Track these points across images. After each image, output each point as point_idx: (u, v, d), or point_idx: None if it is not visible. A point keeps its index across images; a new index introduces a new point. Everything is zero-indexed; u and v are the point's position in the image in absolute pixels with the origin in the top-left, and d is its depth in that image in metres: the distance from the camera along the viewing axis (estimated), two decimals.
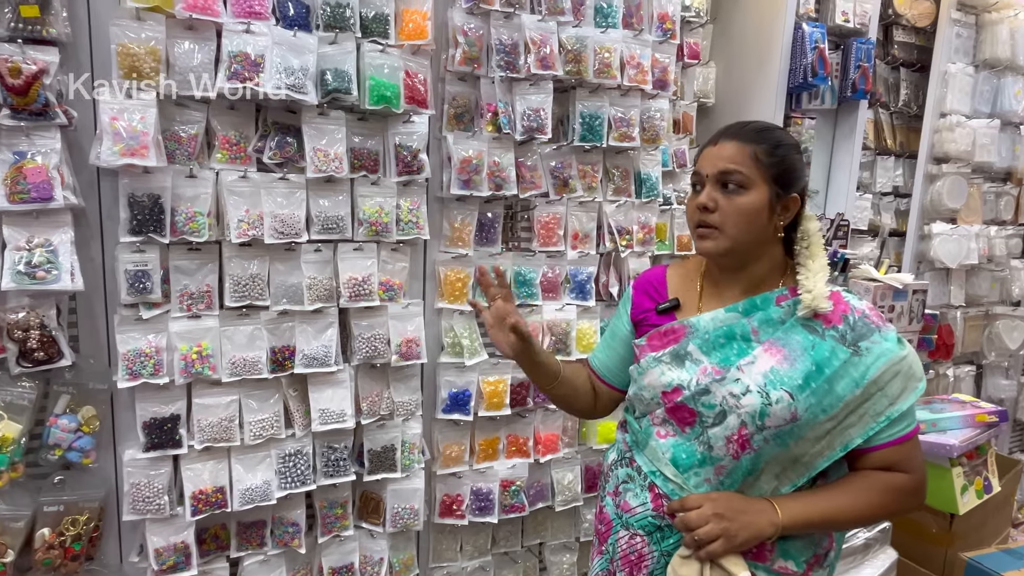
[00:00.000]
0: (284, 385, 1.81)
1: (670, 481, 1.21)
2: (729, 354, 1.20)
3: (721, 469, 1.18)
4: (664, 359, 1.24)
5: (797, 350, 1.16)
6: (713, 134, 1.23)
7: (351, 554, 1.97)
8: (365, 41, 1.75)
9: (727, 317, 1.23)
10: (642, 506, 1.24)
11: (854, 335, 1.16)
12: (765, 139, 1.18)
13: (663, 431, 1.24)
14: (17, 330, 1.49)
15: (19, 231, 1.48)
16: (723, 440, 1.16)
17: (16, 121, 1.44)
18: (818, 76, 2.56)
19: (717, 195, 1.17)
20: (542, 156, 2.12)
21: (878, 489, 1.18)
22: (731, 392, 1.16)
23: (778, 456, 1.17)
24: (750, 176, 1.16)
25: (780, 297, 1.21)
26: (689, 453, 1.20)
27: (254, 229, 1.68)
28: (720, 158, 1.17)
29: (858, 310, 1.19)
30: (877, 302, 2.35)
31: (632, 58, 2.12)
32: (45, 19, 1.44)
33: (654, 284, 1.38)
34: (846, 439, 1.16)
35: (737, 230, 1.17)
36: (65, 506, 1.62)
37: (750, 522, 1.13)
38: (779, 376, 1.14)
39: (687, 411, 1.20)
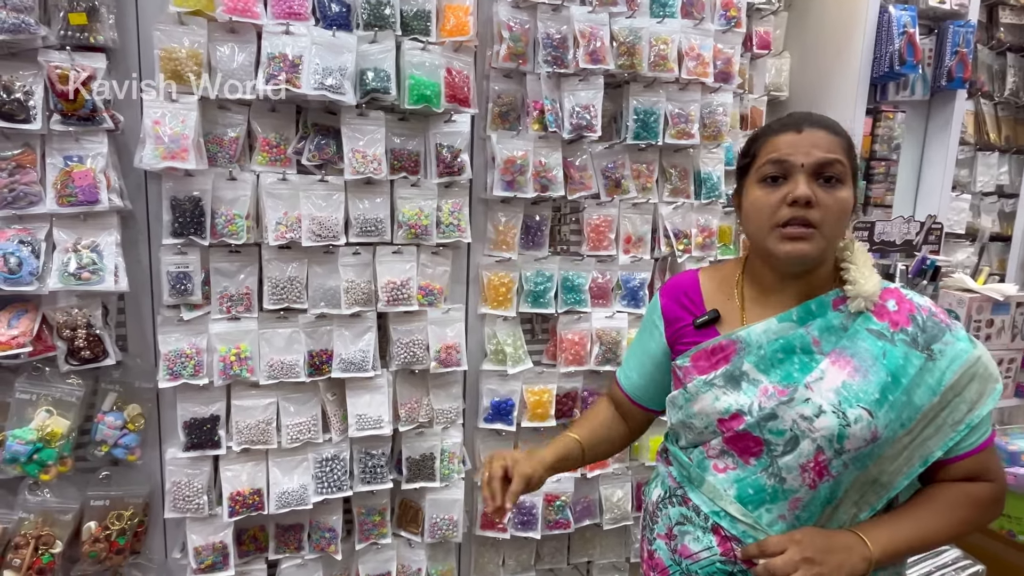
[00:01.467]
0: (322, 389, 1.80)
1: (739, 521, 1.07)
2: (791, 370, 1.06)
3: (797, 502, 1.05)
4: (717, 382, 1.09)
5: (867, 359, 1.03)
6: (780, 121, 1.08)
7: (388, 562, 1.94)
8: (406, 39, 1.71)
9: (781, 327, 1.08)
10: (707, 551, 1.10)
11: (926, 337, 1.04)
12: (845, 132, 1.07)
13: (721, 464, 1.10)
14: (66, 329, 1.54)
15: (68, 233, 1.53)
16: (797, 469, 1.03)
17: (65, 126, 1.48)
18: (907, 64, 2.31)
19: (816, 188, 1.02)
20: (593, 155, 2.01)
21: (963, 504, 1.06)
22: (802, 414, 1.02)
23: (857, 480, 1.05)
24: (847, 168, 1.04)
25: (837, 300, 1.08)
26: (757, 488, 1.06)
27: (292, 232, 1.67)
28: (817, 147, 1.02)
29: (924, 308, 1.07)
30: (972, 316, 2.09)
31: (691, 49, 1.98)
32: (93, 26, 1.48)
33: (687, 292, 1.21)
34: (926, 452, 1.05)
35: (834, 230, 1.04)
36: (111, 501, 1.67)
37: (842, 562, 0.99)
38: (853, 391, 1.02)
39: (752, 440, 1.06)
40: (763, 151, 1.07)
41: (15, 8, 1.39)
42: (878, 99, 2.50)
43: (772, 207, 1.04)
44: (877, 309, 1.06)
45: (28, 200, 1.48)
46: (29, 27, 1.41)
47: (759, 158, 1.08)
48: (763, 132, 1.10)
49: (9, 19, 1.38)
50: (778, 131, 1.06)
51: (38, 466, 1.53)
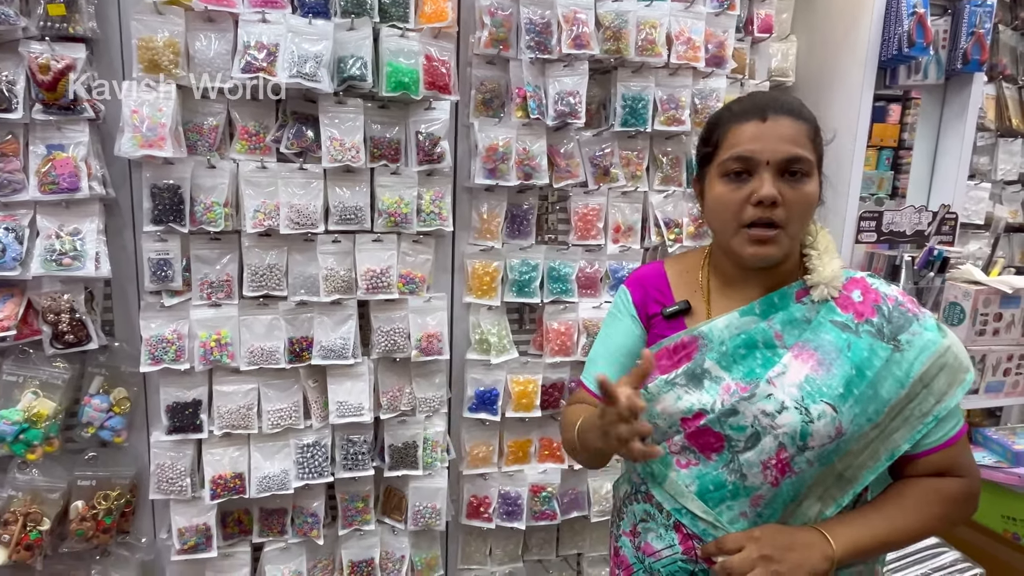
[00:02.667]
0: (302, 376, 1.81)
1: (700, 519, 1.04)
2: (753, 366, 1.03)
3: (758, 500, 1.02)
4: (678, 381, 1.06)
5: (831, 352, 1.00)
6: (742, 105, 1.03)
7: (372, 549, 1.95)
8: (384, 26, 1.70)
9: (743, 322, 1.05)
10: (669, 549, 1.08)
11: (892, 328, 1.01)
12: (811, 117, 1.02)
13: (683, 460, 1.07)
14: (50, 313, 1.58)
15: (51, 220, 1.57)
16: (759, 466, 1.00)
17: (47, 116, 1.52)
18: (916, 46, 2.21)
19: (781, 185, 0.98)
20: (580, 143, 1.98)
21: (933, 500, 1.03)
22: (763, 410, 0.99)
23: (821, 476, 1.02)
24: (812, 161, 1.00)
25: (800, 292, 1.05)
26: (718, 484, 1.03)
27: (270, 219, 1.68)
28: (783, 139, 0.97)
29: (891, 297, 1.04)
30: (979, 309, 2.00)
31: (681, 33, 1.92)
32: (71, 17, 1.51)
33: (655, 284, 1.17)
34: (892, 446, 1.01)
35: (800, 227, 1.02)
36: (98, 481, 1.72)
37: (802, 560, 0.96)
38: (816, 386, 0.98)
39: (712, 435, 1.03)
40: (726, 142, 1.02)
41: None
42: (887, 83, 2.40)
43: (736, 205, 1.00)
44: (841, 300, 1.03)
45: (12, 188, 1.53)
46: (9, 18, 1.44)
47: (722, 149, 1.03)
48: (724, 118, 1.04)
49: None
50: (741, 118, 1.01)
51: (24, 445, 1.58)
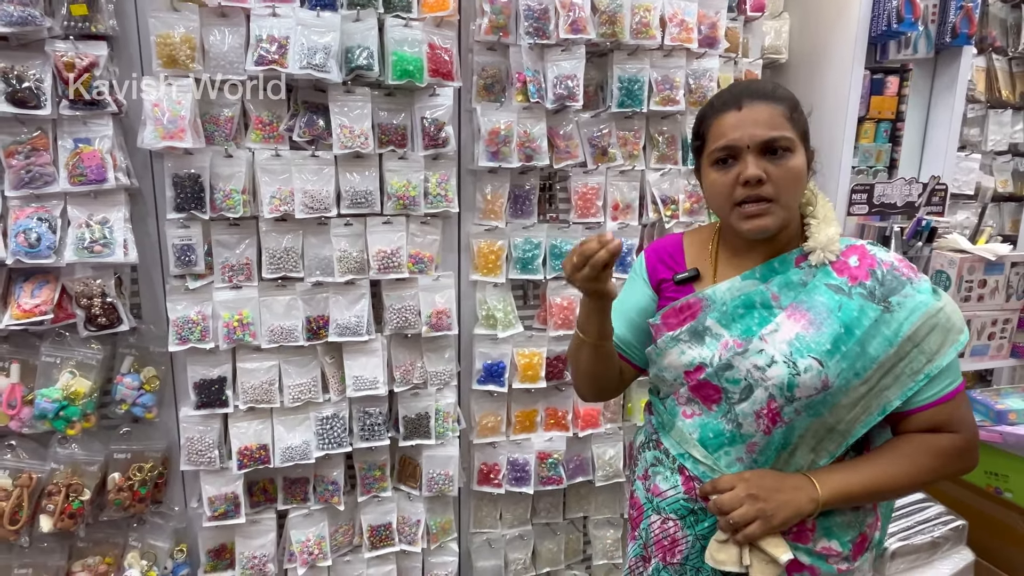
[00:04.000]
0: (320, 352, 1.92)
1: (700, 463, 1.15)
2: (751, 324, 1.12)
3: (753, 446, 1.12)
4: (682, 337, 1.16)
5: (823, 312, 1.07)
6: (721, 98, 1.12)
7: (389, 514, 2.07)
8: (388, 16, 1.77)
9: (744, 285, 1.14)
10: (673, 489, 1.19)
11: (884, 290, 1.07)
12: (786, 97, 1.10)
13: (688, 410, 1.18)
14: (83, 298, 1.68)
15: (81, 210, 1.66)
16: (752, 416, 1.10)
17: (73, 111, 1.60)
18: (904, 22, 2.27)
19: (765, 164, 1.06)
20: (579, 124, 2.06)
21: (924, 452, 1.09)
22: (755, 364, 1.08)
23: (812, 427, 1.10)
24: (792, 138, 1.07)
25: (799, 257, 1.13)
26: (717, 432, 1.14)
27: (285, 205, 1.77)
28: (758, 124, 1.06)
29: (886, 263, 1.10)
30: (963, 276, 2.09)
31: (675, 15, 1.99)
32: (93, 16, 1.59)
33: (670, 252, 1.27)
34: (883, 401, 1.08)
35: (791, 198, 1.09)
36: (132, 454, 1.83)
37: (787, 500, 1.05)
38: (805, 343, 1.06)
39: (711, 388, 1.13)
40: (711, 134, 1.11)
41: (20, 2, 1.50)
42: (878, 59, 2.46)
43: (727, 188, 1.08)
44: (838, 265, 1.10)
45: (43, 180, 1.62)
46: (35, 19, 1.52)
47: (708, 142, 1.12)
48: (708, 113, 1.13)
49: (16, 12, 1.50)
50: (720, 110, 1.10)
51: (64, 422, 1.69)
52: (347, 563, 2.07)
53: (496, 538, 2.26)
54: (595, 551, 2.36)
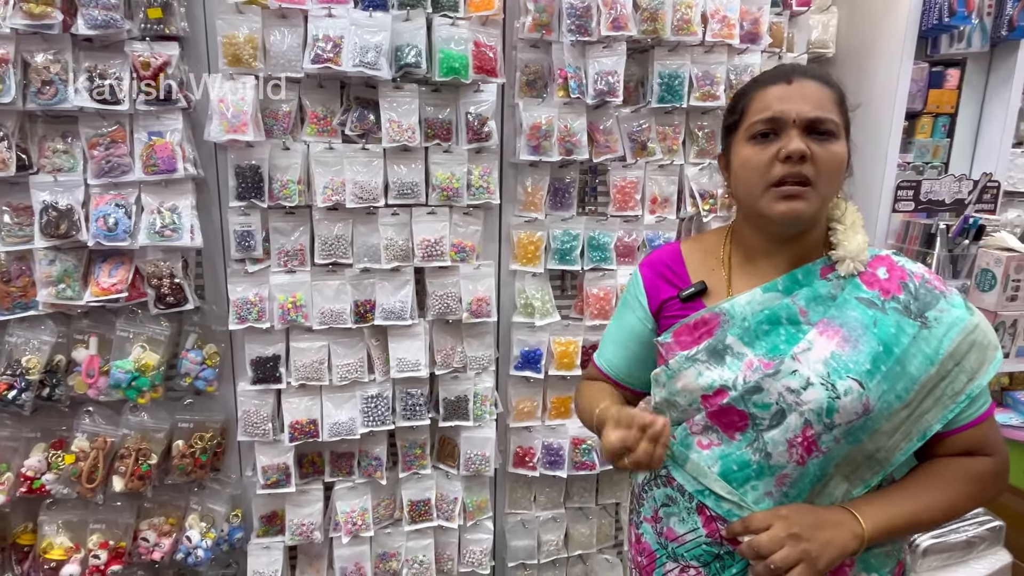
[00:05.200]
0: (366, 335, 2.03)
1: (724, 500, 1.03)
2: (777, 342, 1.02)
3: (784, 479, 1.01)
4: (699, 357, 1.05)
5: (857, 329, 0.99)
6: (769, 74, 1.05)
7: (428, 490, 2.18)
8: (436, 16, 1.86)
9: (766, 298, 1.05)
10: (692, 533, 1.07)
11: (919, 305, 1.00)
12: (837, 84, 1.04)
13: (705, 440, 1.06)
14: (154, 278, 1.83)
15: (153, 197, 1.80)
16: (784, 444, 0.99)
17: (148, 106, 1.75)
18: (956, 15, 2.23)
19: (809, 142, 0.97)
20: (619, 119, 2.11)
21: (964, 479, 1.02)
22: (788, 387, 0.98)
23: (849, 455, 1.01)
24: (840, 123, 1.01)
25: (825, 268, 1.05)
26: (742, 464, 1.03)
27: (337, 195, 1.88)
28: (808, 100, 0.98)
29: (917, 275, 1.04)
30: (1010, 275, 2.05)
31: (717, 11, 2.02)
32: (167, 19, 1.72)
33: (669, 265, 1.18)
34: (924, 426, 1.00)
35: (829, 186, 1.01)
36: (194, 424, 1.98)
37: (831, 539, 0.95)
38: (842, 362, 0.97)
39: (736, 414, 1.02)
40: (752, 107, 1.03)
41: (105, 7, 1.64)
42: (928, 53, 2.42)
43: (764, 165, 0.99)
44: (867, 277, 1.03)
45: (121, 170, 1.77)
46: (116, 22, 1.66)
47: (748, 115, 1.03)
48: (751, 86, 1.06)
49: (100, 16, 1.64)
50: (767, 84, 1.03)
51: (136, 391, 1.85)
52: (388, 535, 2.19)
53: (530, 519, 2.34)
54: (626, 538, 2.42)
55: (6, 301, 1.78)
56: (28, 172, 1.73)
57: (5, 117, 1.69)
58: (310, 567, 2.18)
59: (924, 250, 2.31)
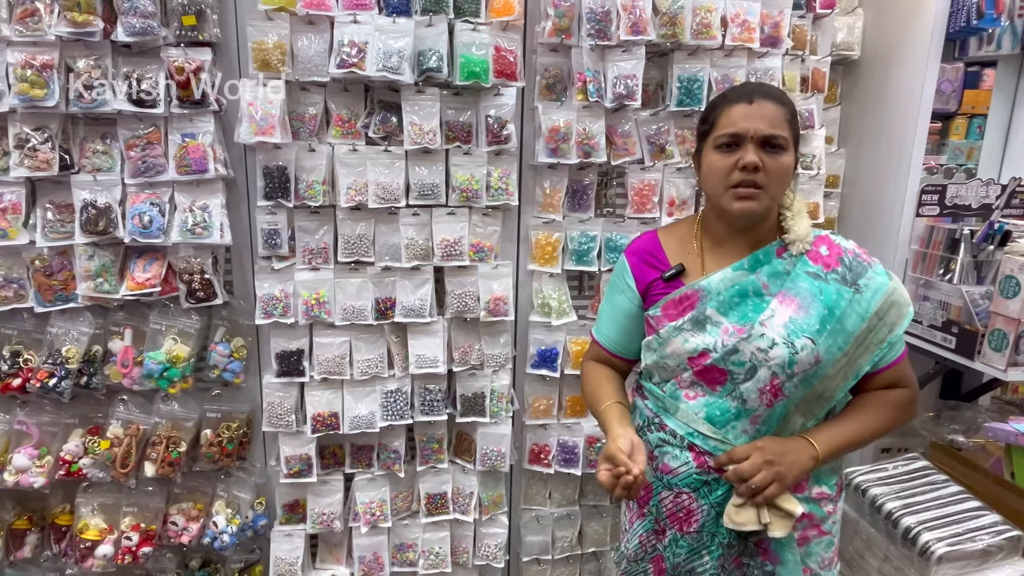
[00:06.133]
0: (386, 331, 2.09)
1: (710, 438, 1.28)
2: (746, 311, 1.27)
3: (756, 419, 1.27)
4: (685, 326, 1.29)
5: (807, 297, 1.24)
6: (735, 92, 1.26)
7: (445, 484, 2.23)
8: (457, 21, 1.90)
9: (735, 276, 1.28)
10: (684, 466, 1.31)
11: (852, 275, 1.26)
12: (789, 103, 1.25)
13: (691, 393, 1.31)
14: (185, 274, 1.92)
15: (185, 196, 1.89)
16: (756, 392, 1.25)
17: (182, 110, 1.83)
18: (985, 18, 2.20)
19: (762, 155, 1.21)
20: (638, 122, 2.13)
21: (888, 406, 1.32)
22: (758, 347, 1.23)
23: (805, 396, 1.27)
24: (788, 138, 1.23)
25: (780, 249, 1.29)
26: (723, 410, 1.28)
27: (360, 195, 1.94)
28: (763, 119, 1.21)
29: (850, 251, 1.29)
30: None
31: (736, 16, 2.02)
32: (201, 25, 1.80)
33: (650, 251, 1.40)
34: (857, 368, 1.28)
35: (777, 190, 1.25)
36: (222, 414, 2.07)
37: (795, 461, 1.23)
38: (798, 325, 1.22)
39: (717, 371, 1.27)
40: (720, 121, 1.25)
41: (142, 15, 1.73)
42: (956, 55, 2.39)
43: (726, 170, 1.23)
44: (812, 254, 1.28)
45: (156, 170, 1.85)
46: (153, 30, 1.74)
47: (716, 127, 1.26)
48: (720, 101, 1.28)
49: (138, 24, 1.73)
50: (732, 101, 1.25)
51: (167, 382, 1.93)
52: (405, 526, 2.25)
53: (544, 515, 2.38)
54: None
55: (48, 294, 1.88)
56: (70, 172, 1.83)
57: (49, 120, 1.79)
58: (330, 555, 2.25)
59: (948, 255, 2.28)
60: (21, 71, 1.71)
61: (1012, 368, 2.05)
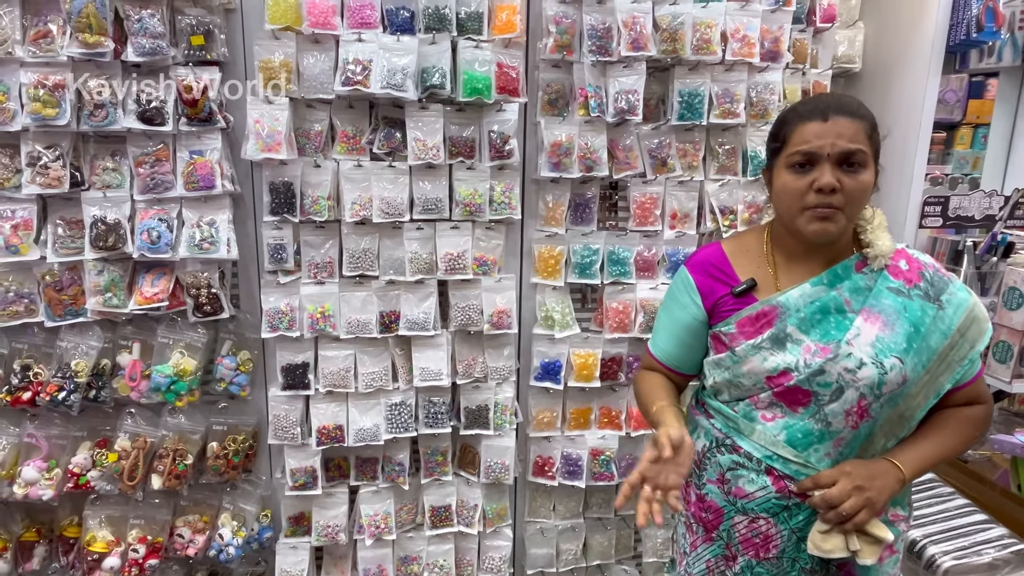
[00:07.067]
0: (391, 344, 2.11)
1: (791, 462, 1.23)
2: (828, 328, 1.21)
3: (840, 441, 1.22)
4: (764, 345, 1.22)
5: (892, 314, 1.19)
6: (807, 107, 1.18)
7: (449, 496, 2.24)
8: (460, 39, 1.93)
9: (815, 291, 1.22)
10: (762, 490, 1.25)
11: (935, 290, 1.23)
12: (868, 116, 1.18)
13: (769, 414, 1.24)
14: (192, 288, 1.94)
15: (193, 212, 1.92)
16: (842, 414, 1.20)
17: (190, 127, 1.86)
18: (985, 31, 2.21)
19: (840, 174, 1.14)
20: (639, 136, 2.15)
21: (966, 423, 1.28)
22: (846, 367, 1.17)
23: (888, 417, 1.24)
24: (868, 154, 1.15)
25: (858, 264, 1.24)
26: (805, 432, 1.22)
27: (365, 210, 1.97)
28: (841, 136, 1.13)
29: (930, 266, 1.26)
30: None
31: (737, 31, 2.04)
32: (209, 45, 1.84)
33: (716, 265, 1.32)
34: (938, 386, 1.24)
35: (855, 209, 1.18)
36: (228, 427, 2.09)
37: (884, 485, 1.18)
38: (886, 344, 1.18)
39: (801, 393, 1.21)
40: (792, 139, 1.18)
41: (152, 35, 1.76)
42: (956, 68, 2.40)
43: (801, 192, 1.16)
44: (892, 269, 1.23)
45: (164, 186, 1.88)
46: (162, 49, 1.78)
47: (788, 145, 1.19)
48: (791, 117, 1.20)
49: (148, 44, 1.76)
50: (805, 118, 1.17)
51: (174, 395, 1.95)
52: (410, 539, 2.25)
53: (549, 528, 2.38)
54: (645, 549, 2.44)
55: (58, 308, 1.91)
56: (80, 188, 1.86)
57: (61, 138, 1.82)
58: (335, 567, 2.26)
59: (952, 267, 2.29)
60: (34, 91, 1.75)
61: (1017, 380, 2.04)
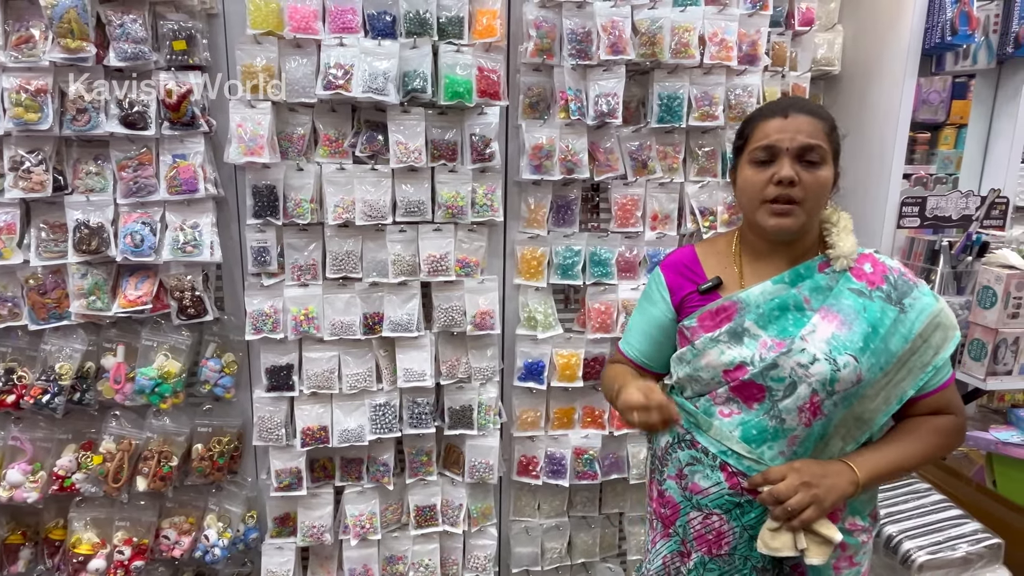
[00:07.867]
0: (375, 346, 2.12)
1: (744, 458, 1.23)
2: (786, 325, 1.23)
3: (794, 439, 1.22)
4: (721, 338, 1.25)
5: (851, 314, 1.20)
6: (770, 107, 1.24)
7: (434, 496, 2.26)
8: (441, 43, 1.95)
9: (776, 289, 1.25)
10: (716, 486, 1.27)
11: (898, 293, 1.23)
12: (827, 116, 1.23)
13: (727, 410, 1.26)
14: (176, 291, 1.96)
15: (176, 215, 1.93)
16: (795, 411, 1.20)
17: (173, 131, 1.87)
18: (959, 34, 2.24)
19: (799, 169, 1.17)
20: (620, 139, 2.17)
21: (933, 432, 1.26)
22: (799, 362, 1.19)
23: (844, 418, 1.23)
24: (827, 151, 1.19)
25: (822, 264, 1.26)
26: (760, 428, 1.23)
27: (347, 213, 1.99)
28: (800, 131, 1.17)
29: (895, 269, 1.26)
30: (1011, 292, 2.05)
31: (715, 35, 2.07)
32: (191, 50, 1.85)
33: (687, 265, 1.37)
34: (900, 392, 1.23)
35: (814, 205, 1.21)
36: (213, 429, 2.10)
37: (834, 484, 1.16)
38: (841, 341, 1.18)
39: (755, 387, 1.22)
40: (754, 136, 1.23)
41: (134, 40, 1.78)
42: (933, 71, 2.44)
43: (761, 185, 1.20)
44: (856, 271, 1.24)
45: (147, 190, 1.89)
46: (145, 55, 1.79)
47: (751, 142, 1.23)
48: (754, 116, 1.26)
49: (130, 49, 1.78)
50: (767, 116, 1.22)
51: (159, 397, 1.97)
52: (395, 539, 2.27)
53: (534, 527, 2.40)
54: (630, 547, 2.47)
55: (42, 312, 1.92)
56: (63, 192, 1.87)
57: (43, 142, 1.83)
58: (321, 568, 2.27)
59: (928, 266, 2.32)
60: (16, 96, 1.76)
61: (991, 377, 2.08)
